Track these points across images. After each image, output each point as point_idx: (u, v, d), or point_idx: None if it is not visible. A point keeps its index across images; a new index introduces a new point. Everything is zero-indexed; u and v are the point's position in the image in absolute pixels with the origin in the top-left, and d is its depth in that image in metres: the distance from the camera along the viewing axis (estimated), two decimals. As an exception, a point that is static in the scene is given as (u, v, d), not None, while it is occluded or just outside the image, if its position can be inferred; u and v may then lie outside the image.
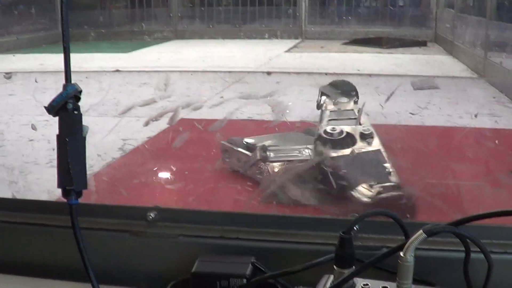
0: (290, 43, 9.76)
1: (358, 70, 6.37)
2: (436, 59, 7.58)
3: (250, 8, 11.18)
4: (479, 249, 1.06)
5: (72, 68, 1.54)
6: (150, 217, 1.29)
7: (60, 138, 1.29)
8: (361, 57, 7.85)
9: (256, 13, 11.16)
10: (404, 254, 0.86)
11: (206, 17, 11.44)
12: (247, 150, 2.64)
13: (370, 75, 5.73)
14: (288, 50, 8.56)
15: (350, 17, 10.84)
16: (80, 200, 1.23)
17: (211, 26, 11.34)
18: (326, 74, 5.68)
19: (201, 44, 10.10)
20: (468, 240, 1.04)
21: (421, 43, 9.50)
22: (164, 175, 1.83)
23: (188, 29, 11.41)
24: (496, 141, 2.99)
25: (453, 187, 2.13)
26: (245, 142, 2.79)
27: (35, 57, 8.38)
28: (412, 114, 4.26)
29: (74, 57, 1.54)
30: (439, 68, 6.67)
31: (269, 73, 5.20)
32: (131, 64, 7.62)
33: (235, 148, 2.61)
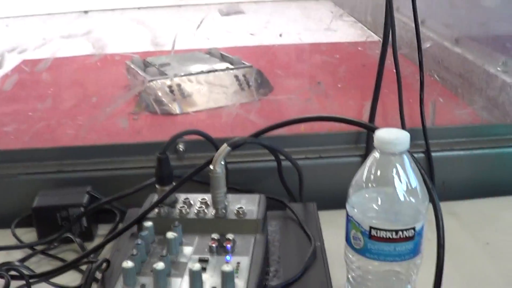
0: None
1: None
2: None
3: None
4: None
5: None
6: (-12, 160, 1.32)
7: None
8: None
9: None
10: (213, 167, 0.96)
11: None
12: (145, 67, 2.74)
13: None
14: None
15: None
16: None
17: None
18: (139, 8, 5.64)
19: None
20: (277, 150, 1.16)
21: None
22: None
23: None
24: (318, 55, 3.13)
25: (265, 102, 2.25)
26: (146, 61, 2.82)
27: None
28: (252, 34, 4.34)
29: None
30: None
31: (86, 12, 5.13)
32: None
33: (133, 67, 2.74)
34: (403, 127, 1.33)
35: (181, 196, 1.04)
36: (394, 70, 1.28)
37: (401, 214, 0.87)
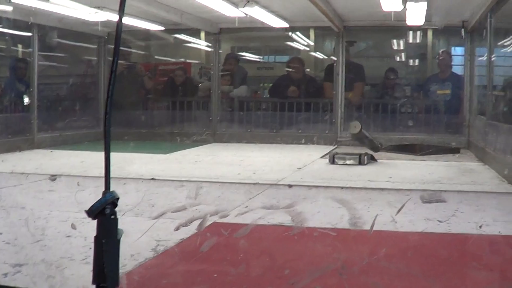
0: (326, 149, 9.98)
1: (390, 177, 6.51)
2: (467, 166, 7.70)
3: (288, 113, 11.48)
4: None
5: (113, 169, 1.70)
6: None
7: (97, 239, 1.46)
8: (394, 163, 8.00)
9: (294, 118, 11.45)
10: None
11: (245, 121, 11.77)
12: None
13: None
14: (323, 156, 8.76)
15: (385, 123, 11.05)
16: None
17: (249, 130, 11.65)
18: (342, 188, 5.89)
19: (238, 148, 10.37)
20: None
21: (455, 150, 9.60)
22: (192, 277, 1.95)
23: (226, 132, 11.73)
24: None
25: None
26: None
27: (76, 154, 8.72)
28: (440, 221, 4.36)
29: (115, 156, 1.73)
30: (469, 176, 6.78)
31: (290, 186, 5.50)
32: (169, 166, 7.87)
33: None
34: None
35: None
36: None
37: None
